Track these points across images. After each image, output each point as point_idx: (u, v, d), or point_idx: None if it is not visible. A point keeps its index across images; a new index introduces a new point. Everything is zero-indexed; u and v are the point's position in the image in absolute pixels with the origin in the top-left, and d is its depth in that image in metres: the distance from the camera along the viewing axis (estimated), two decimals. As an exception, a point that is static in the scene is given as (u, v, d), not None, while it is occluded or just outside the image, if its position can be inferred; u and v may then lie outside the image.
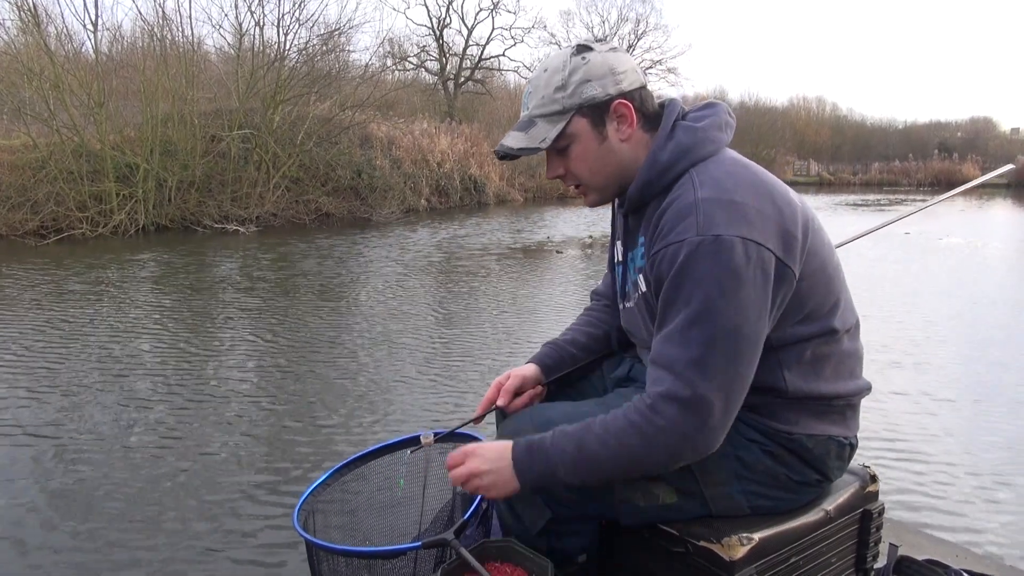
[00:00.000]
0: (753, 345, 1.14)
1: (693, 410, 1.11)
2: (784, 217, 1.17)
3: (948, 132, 44.73)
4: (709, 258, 1.11)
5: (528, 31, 43.21)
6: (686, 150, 1.23)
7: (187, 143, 12.74)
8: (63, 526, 2.51)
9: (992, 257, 10.36)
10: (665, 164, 1.23)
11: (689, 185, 1.19)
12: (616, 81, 1.25)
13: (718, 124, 1.27)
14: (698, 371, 1.11)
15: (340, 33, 16.11)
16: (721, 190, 1.16)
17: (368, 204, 14.97)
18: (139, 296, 6.72)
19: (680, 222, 1.15)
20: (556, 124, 1.25)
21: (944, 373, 4.58)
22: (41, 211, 10.98)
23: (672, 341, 1.14)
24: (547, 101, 1.25)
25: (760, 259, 1.12)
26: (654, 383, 1.15)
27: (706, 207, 1.14)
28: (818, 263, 1.23)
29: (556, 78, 1.25)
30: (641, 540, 1.32)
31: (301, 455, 3.15)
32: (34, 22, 11.71)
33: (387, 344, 5.06)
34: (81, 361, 4.55)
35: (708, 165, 1.22)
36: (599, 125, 1.26)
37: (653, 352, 1.17)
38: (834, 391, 1.27)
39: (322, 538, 1.35)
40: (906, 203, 23.28)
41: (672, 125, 1.26)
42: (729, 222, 1.12)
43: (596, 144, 1.27)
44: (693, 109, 1.32)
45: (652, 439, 1.13)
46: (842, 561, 1.38)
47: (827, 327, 1.24)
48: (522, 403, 1.49)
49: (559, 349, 1.57)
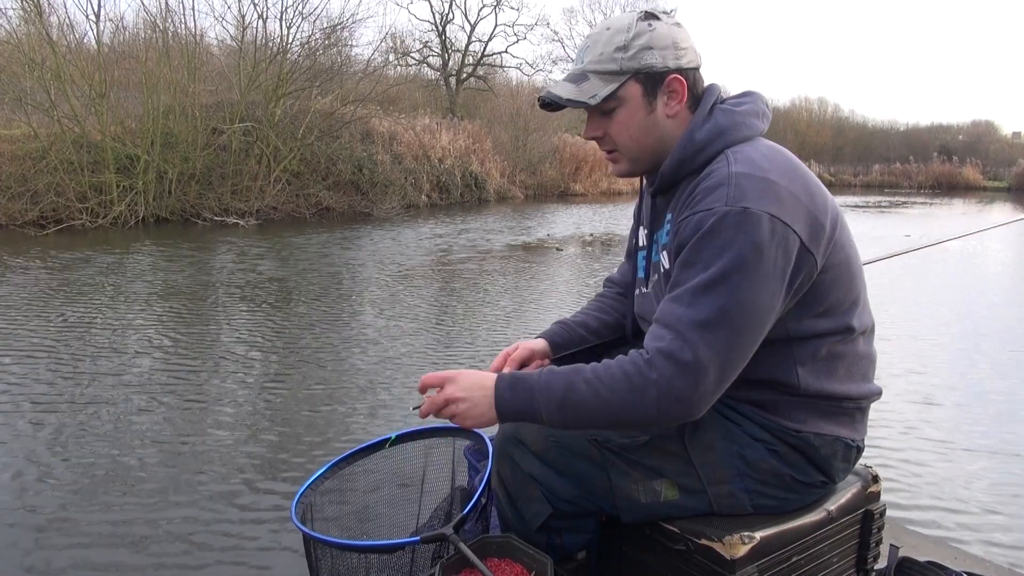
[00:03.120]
0: (760, 323, 1.13)
1: (689, 372, 1.09)
2: (815, 204, 1.17)
3: (949, 135, 44.70)
4: (734, 228, 1.10)
5: (531, 28, 43.27)
6: (723, 131, 1.22)
7: (188, 135, 12.72)
8: (65, 516, 2.50)
9: (992, 260, 10.35)
10: (700, 143, 1.22)
11: (723, 162, 1.19)
12: (676, 56, 1.23)
13: (756, 112, 1.27)
14: (701, 335, 1.09)
15: (343, 27, 16.10)
16: (756, 167, 1.16)
17: (369, 199, 14.96)
18: (134, 288, 6.71)
19: (711, 193, 1.15)
20: (609, 84, 1.23)
21: (945, 376, 4.57)
22: (41, 201, 10.96)
23: (681, 301, 1.12)
24: (605, 58, 1.23)
25: (784, 239, 1.12)
26: (655, 339, 1.13)
27: (738, 180, 1.14)
28: (843, 257, 1.22)
29: (619, 38, 1.22)
30: (642, 537, 1.31)
31: (299, 448, 3.14)
32: (36, 12, 11.68)
33: (386, 339, 5.05)
34: (73, 354, 4.54)
35: (744, 147, 1.21)
36: (650, 95, 1.25)
37: (660, 310, 1.16)
38: (845, 392, 1.25)
39: (319, 532, 1.34)
40: (907, 205, 23.28)
41: (711, 107, 1.26)
42: (760, 197, 1.12)
43: (643, 113, 1.25)
44: (731, 96, 1.31)
45: (642, 392, 1.11)
46: (843, 561, 1.37)
47: (844, 324, 1.23)
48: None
49: (569, 329, 1.56)
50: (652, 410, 1.12)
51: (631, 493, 1.24)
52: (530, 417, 1.18)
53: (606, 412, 1.14)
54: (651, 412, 1.12)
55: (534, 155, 22.13)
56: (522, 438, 1.29)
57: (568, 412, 1.15)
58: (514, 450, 1.29)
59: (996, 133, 45.06)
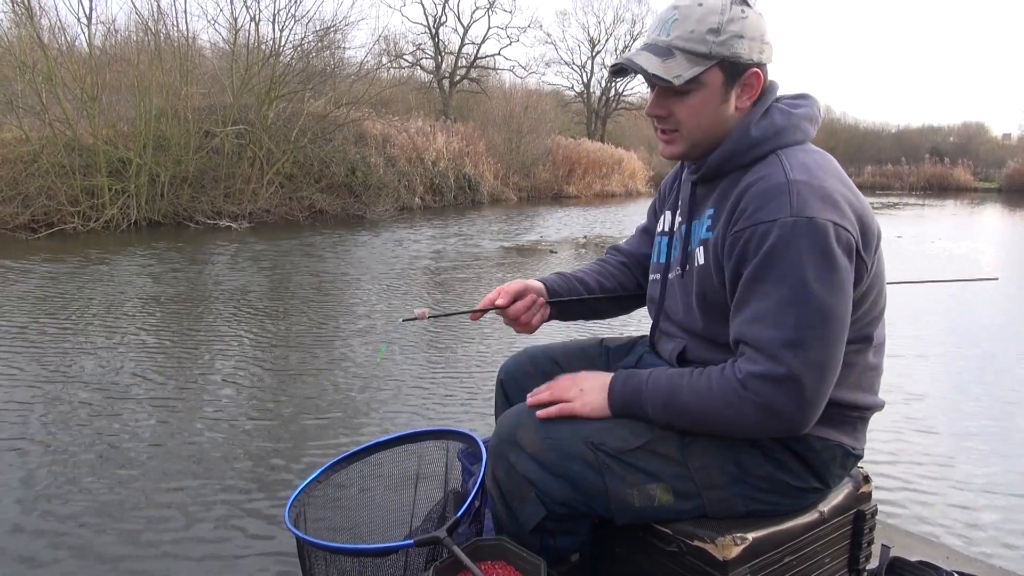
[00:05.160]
0: (843, 328, 1.14)
1: (786, 389, 1.11)
2: (866, 213, 1.19)
3: (940, 137, 44.98)
4: (804, 239, 1.10)
5: (524, 30, 43.42)
6: (778, 131, 1.23)
7: (180, 138, 12.69)
8: (50, 526, 2.49)
9: (983, 263, 10.40)
10: (755, 139, 1.22)
11: (778, 165, 1.19)
12: (761, 49, 1.22)
13: (811, 116, 1.27)
14: (794, 353, 1.11)
15: (336, 30, 16.08)
16: (813, 176, 1.16)
17: (362, 201, 14.94)
18: (125, 293, 6.68)
19: (771, 201, 1.14)
20: (695, 66, 1.19)
21: (936, 376, 4.59)
22: (32, 205, 10.90)
23: (764, 322, 1.13)
24: (696, 38, 1.18)
25: (848, 246, 1.13)
26: (748, 362, 1.14)
27: (800, 189, 1.14)
28: (880, 268, 1.25)
29: (713, 18, 1.18)
30: (635, 539, 1.31)
31: (293, 452, 3.13)
32: (27, 15, 11.63)
33: (380, 343, 5.05)
34: (65, 358, 4.52)
35: (796, 151, 1.22)
36: (729, 85, 1.23)
37: (740, 332, 1.17)
38: (852, 400, 1.26)
39: (313, 535, 1.34)
40: (899, 207, 23.39)
41: (769, 105, 1.25)
42: (823, 207, 1.13)
43: (718, 102, 1.23)
44: (788, 96, 1.31)
45: (739, 409, 1.15)
46: (835, 562, 1.38)
47: (865, 334, 1.25)
48: (523, 306, 1.46)
49: (567, 280, 1.55)
50: (752, 425, 1.17)
51: (626, 497, 1.24)
52: (639, 412, 1.25)
53: (708, 423, 1.20)
54: (750, 426, 1.17)
55: (527, 157, 22.16)
56: (518, 440, 1.28)
57: (672, 414, 1.22)
58: (509, 452, 1.28)
59: (986, 134, 45.39)
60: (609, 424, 1.27)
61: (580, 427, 1.27)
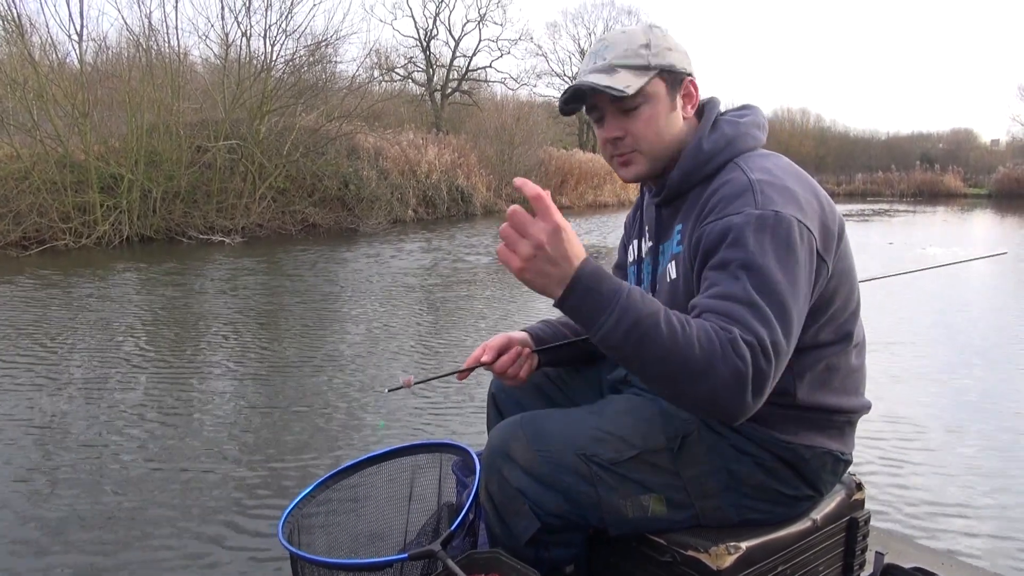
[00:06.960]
0: (798, 323, 1.12)
1: (766, 366, 1.04)
2: (825, 212, 1.21)
3: (930, 143, 45.30)
4: (768, 231, 1.12)
5: (515, 43, 43.33)
6: (729, 141, 1.27)
7: (172, 153, 12.67)
8: (55, 540, 2.47)
9: (973, 270, 10.46)
10: (709, 153, 1.26)
11: (738, 171, 1.22)
12: (687, 61, 1.30)
13: (757, 123, 1.32)
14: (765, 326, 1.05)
15: (327, 44, 16.12)
16: (774, 176, 1.19)
17: (355, 215, 14.94)
18: (115, 310, 6.65)
19: (736, 199, 1.17)
20: (640, 77, 1.25)
21: (929, 384, 4.60)
22: (24, 222, 10.85)
23: (733, 300, 1.07)
24: (631, 54, 1.26)
25: (809, 244, 1.15)
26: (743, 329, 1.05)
27: (763, 187, 1.17)
28: (847, 266, 1.26)
29: (640, 37, 1.27)
30: (629, 549, 1.31)
31: (286, 468, 3.12)
32: (18, 32, 11.63)
33: (373, 356, 5.04)
34: (61, 373, 4.49)
35: (753, 157, 1.26)
36: (672, 93, 1.29)
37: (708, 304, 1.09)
38: (838, 405, 1.27)
39: (307, 551, 1.34)
40: (890, 213, 23.51)
41: (715, 119, 1.30)
42: (786, 204, 1.15)
43: (667, 110, 1.28)
44: (732, 109, 1.36)
45: (716, 368, 1.02)
46: (829, 569, 1.38)
47: (846, 332, 1.26)
48: (508, 360, 1.42)
49: (552, 327, 1.55)
50: (711, 389, 1.03)
51: (619, 508, 1.25)
52: (589, 316, 1.06)
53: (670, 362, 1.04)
54: (708, 389, 1.03)
55: (520, 168, 22.18)
56: (510, 453, 1.28)
57: (632, 337, 1.04)
58: (503, 465, 1.28)
59: (976, 141, 45.76)
60: (601, 435, 1.27)
61: (572, 439, 1.27)
